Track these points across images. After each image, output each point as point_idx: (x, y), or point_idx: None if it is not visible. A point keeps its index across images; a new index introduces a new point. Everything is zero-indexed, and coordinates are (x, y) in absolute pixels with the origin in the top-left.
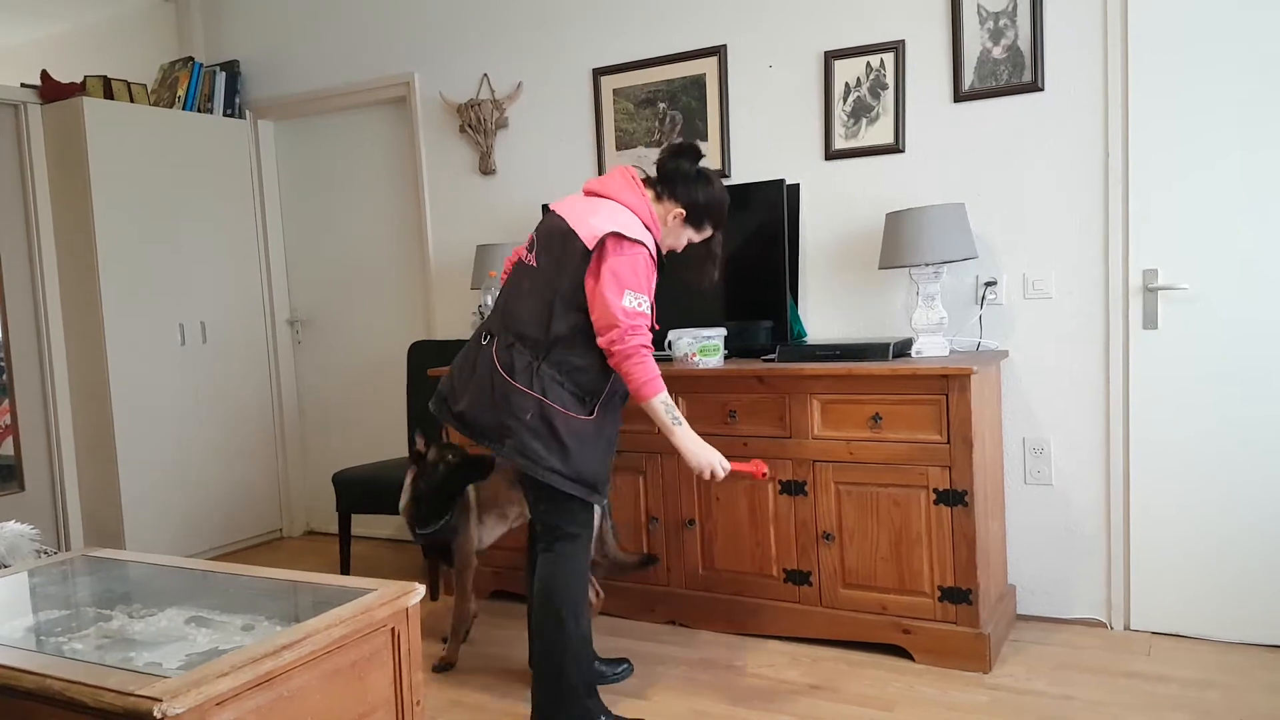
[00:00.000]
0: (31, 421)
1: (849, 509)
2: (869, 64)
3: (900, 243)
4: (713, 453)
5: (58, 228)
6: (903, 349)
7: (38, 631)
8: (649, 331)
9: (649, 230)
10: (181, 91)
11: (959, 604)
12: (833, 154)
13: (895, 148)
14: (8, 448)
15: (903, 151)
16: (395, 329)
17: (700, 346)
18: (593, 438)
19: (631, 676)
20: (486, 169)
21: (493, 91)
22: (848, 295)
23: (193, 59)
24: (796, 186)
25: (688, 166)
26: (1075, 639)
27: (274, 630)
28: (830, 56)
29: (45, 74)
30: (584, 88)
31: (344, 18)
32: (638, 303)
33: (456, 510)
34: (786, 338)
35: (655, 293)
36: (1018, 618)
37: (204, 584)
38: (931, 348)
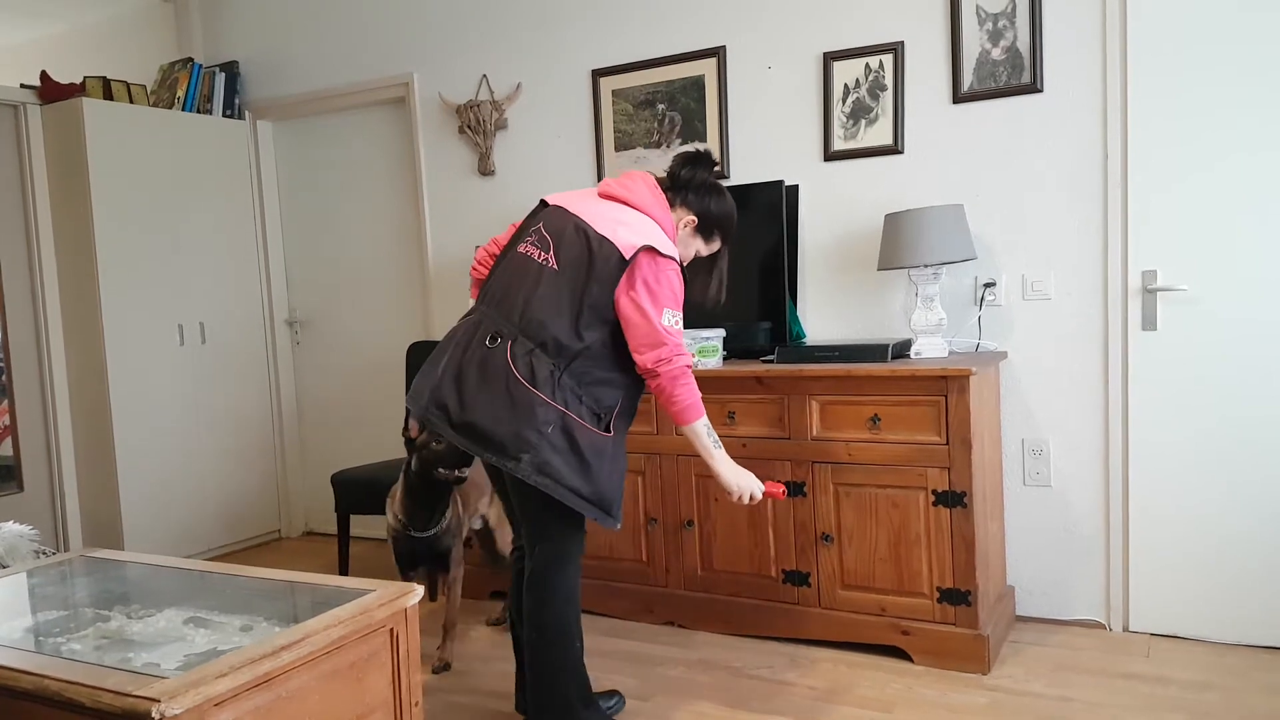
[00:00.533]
0: (30, 422)
1: (848, 510)
2: (868, 65)
3: (899, 244)
4: (750, 477)
5: (57, 228)
6: (901, 350)
7: (36, 632)
8: (684, 348)
9: (673, 243)
10: (181, 92)
11: (958, 605)
12: (832, 155)
13: (894, 149)
14: (7, 448)
15: (902, 153)
16: (394, 330)
17: (699, 347)
18: (611, 455)
19: (629, 683)
20: (485, 170)
21: (492, 92)
22: (847, 296)
23: (192, 60)
24: (796, 188)
25: (703, 175)
26: (1074, 640)
27: (272, 631)
28: (829, 58)
29: (45, 75)
30: (583, 89)
31: (343, 18)
32: (675, 320)
33: (451, 509)
34: (785, 339)
35: None
36: (1017, 619)
37: (202, 585)
38: (930, 349)
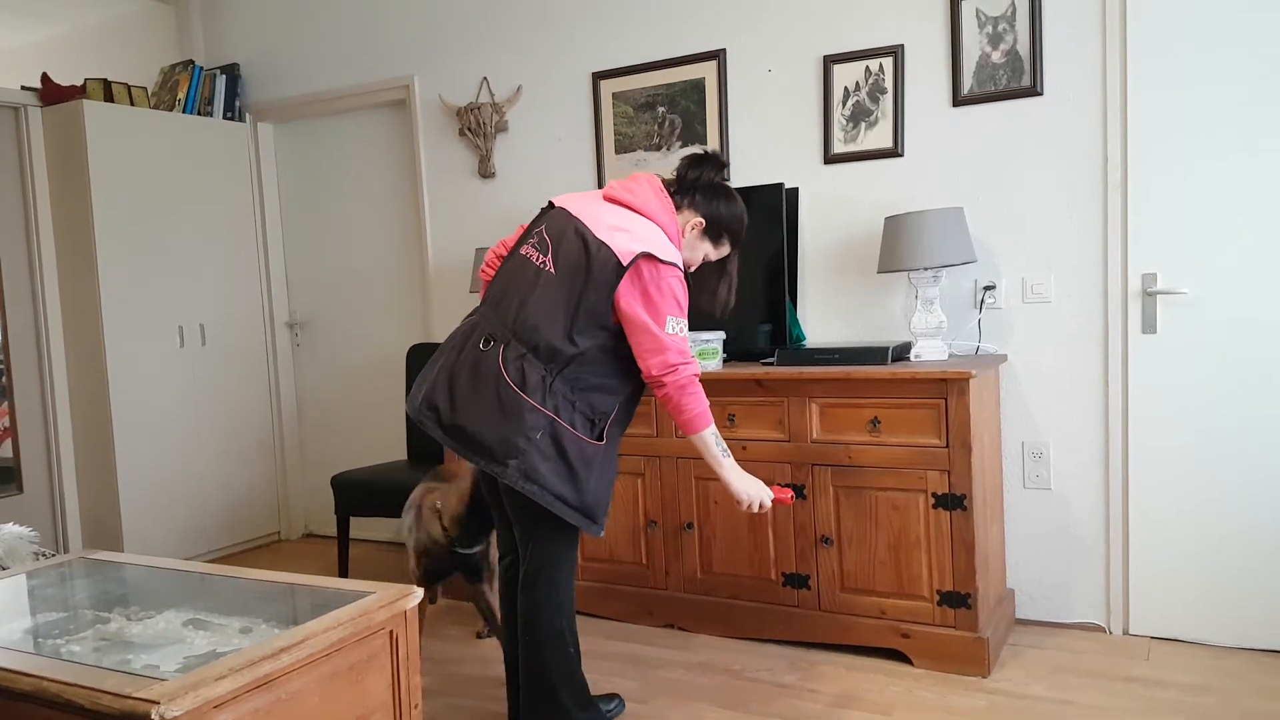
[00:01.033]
0: (30, 424)
1: (847, 513)
2: (868, 68)
3: (899, 246)
4: (759, 485)
5: (57, 230)
6: (901, 353)
7: (35, 634)
8: (691, 356)
9: (677, 249)
10: (181, 94)
11: (958, 608)
12: (832, 158)
13: (894, 152)
14: (6, 450)
15: (901, 155)
16: (394, 332)
17: (699, 350)
18: (601, 465)
19: (628, 685)
20: (486, 172)
21: (492, 95)
22: (846, 299)
23: (193, 62)
24: (796, 190)
25: (710, 175)
26: (1074, 643)
27: (272, 633)
28: (829, 61)
29: (45, 76)
30: (584, 91)
31: (344, 20)
32: (679, 328)
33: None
34: (785, 341)
35: None
36: (1016, 622)
37: (202, 586)
38: (930, 352)
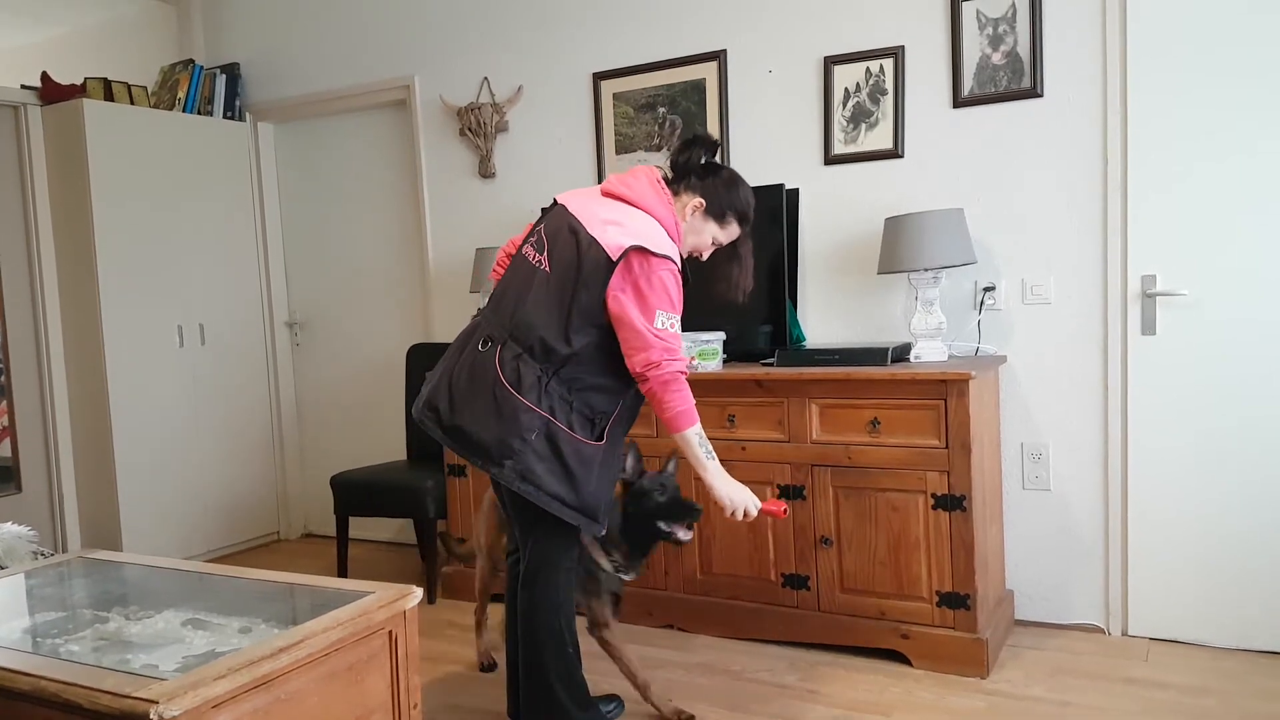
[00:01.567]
0: (29, 423)
1: (847, 513)
2: (868, 69)
3: (899, 247)
4: (746, 492)
5: (57, 229)
6: (901, 354)
7: (34, 633)
8: (680, 353)
9: (674, 242)
10: (182, 94)
11: (957, 609)
12: (832, 159)
13: (894, 153)
14: (5, 449)
15: (902, 157)
16: (394, 332)
17: (699, 350)
18: (600, 464)
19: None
20: (486, 172)
21: (493, 95)
22: (847, 300)
23: (193, 61)
24: (796, 191)
25: (700, 155)
26: (1073, 644)
27: (271, 633)
28: (830, 62)
29: (45, 75)
30: (584, 92)
31: (344, 20)
32: (670, 323)
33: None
34: (785, 342)
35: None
36: (1016, 623)
37: (201, 586)
38: (930, 353)
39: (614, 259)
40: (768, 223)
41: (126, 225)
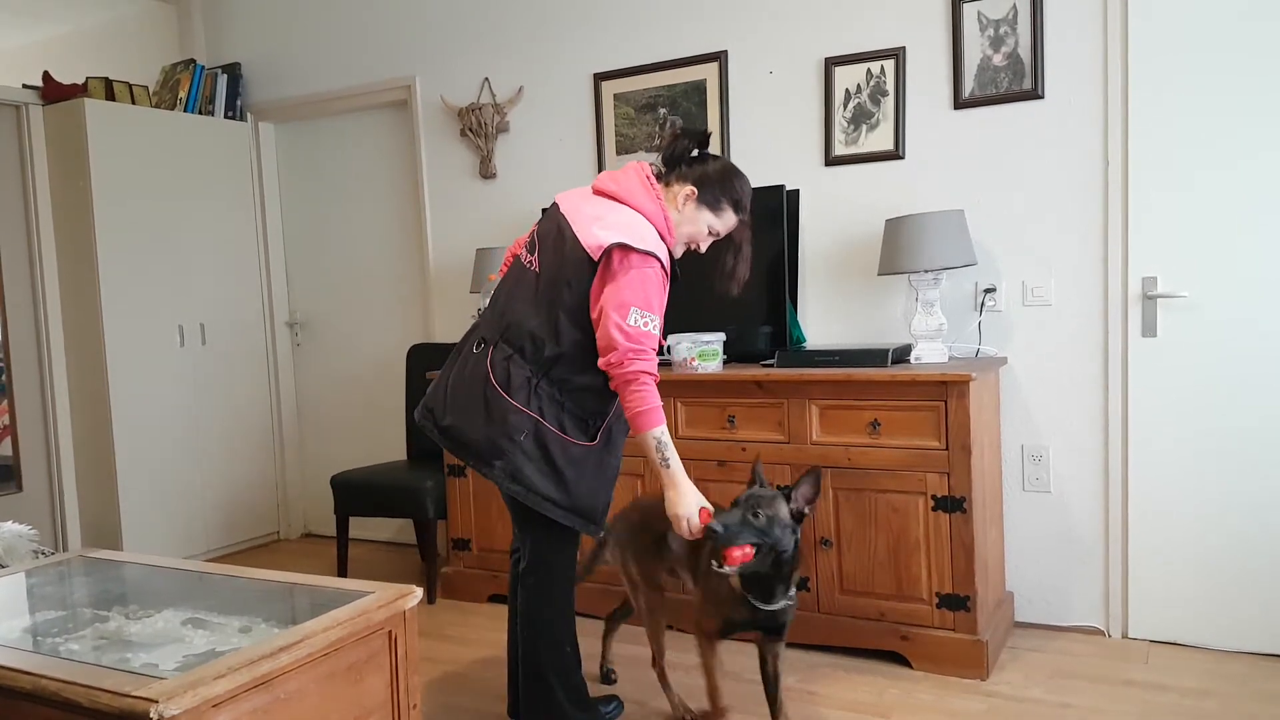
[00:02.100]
0: (30, 422)
1: (847, 515)
2: (869, 70)
3: (900, 249)
4: (692, 506)
5: (58, 228)
6: (902, 355)
7: (34, 632)
8: (654, 354)
9: (664, 239)
10: (183, 93)
11: (957, 611)
12: (833, 160)
13: (895, 154)
14: (6, 448)
15: (903, 158)
16: (395, 332)
17: (699, 351)
18: (594, 466)
19: (628, 687)
20: (487, 173)
21: (494, 95)
22: (847, 301)
23: (194, 61)
24: (796, 192)
25: (686, 145)
26: (1073, 646)
27: (271, 632)
28: (830, 63)
29: (47, 75)
30: (585, 92)
31: (345, 21)
32: (644, 322)
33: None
34: (786, 343)
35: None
36: (1015, 625)
37: (201, 586)
38: (930, 354)
39: (595, 259)
40: (768, 223)
41: (128, 225)
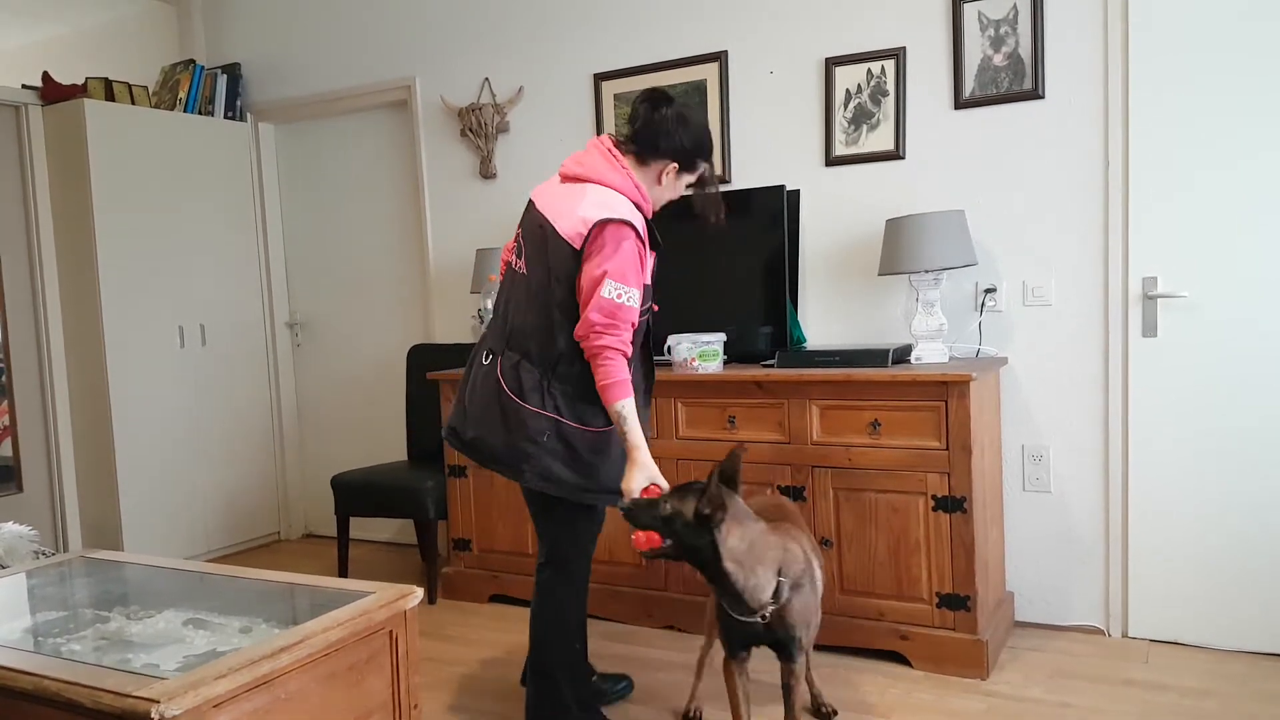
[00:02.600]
0: (30, 423)
1: (847, 515)
2: (870, 70)
3: (900, 249)
4: (638, 480)
5: (58, 229)
6: (902, 355)
7: (35, 633)
8: (626, 328)
9: (638, 207)
10: (183, 94)
11: (957, 610)
12: (833, 160)
13: (896, 154)
14: (6, 449)
15: (903, 158)
16: (395, 332)
17: (700, 351)
18: (620, 446)
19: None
20: (487, 173)
21: (494, 95)
22: (847, 301)
23: (194, 61)
24: (797, 193)
25: (666, 113)
26: (1073, 646)
27: (272, 633)
28: (831, 63)
29: (46, 75)
30: (585, 92)
31: (345, 21)
32: (618, 294)
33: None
34: (786, 343)
35: (655, 275)
36: (1015, 624)
37: (202, 586)
38: (931, 354)
39: (577, 247)
40: (768, 224)
41: (127, 225)
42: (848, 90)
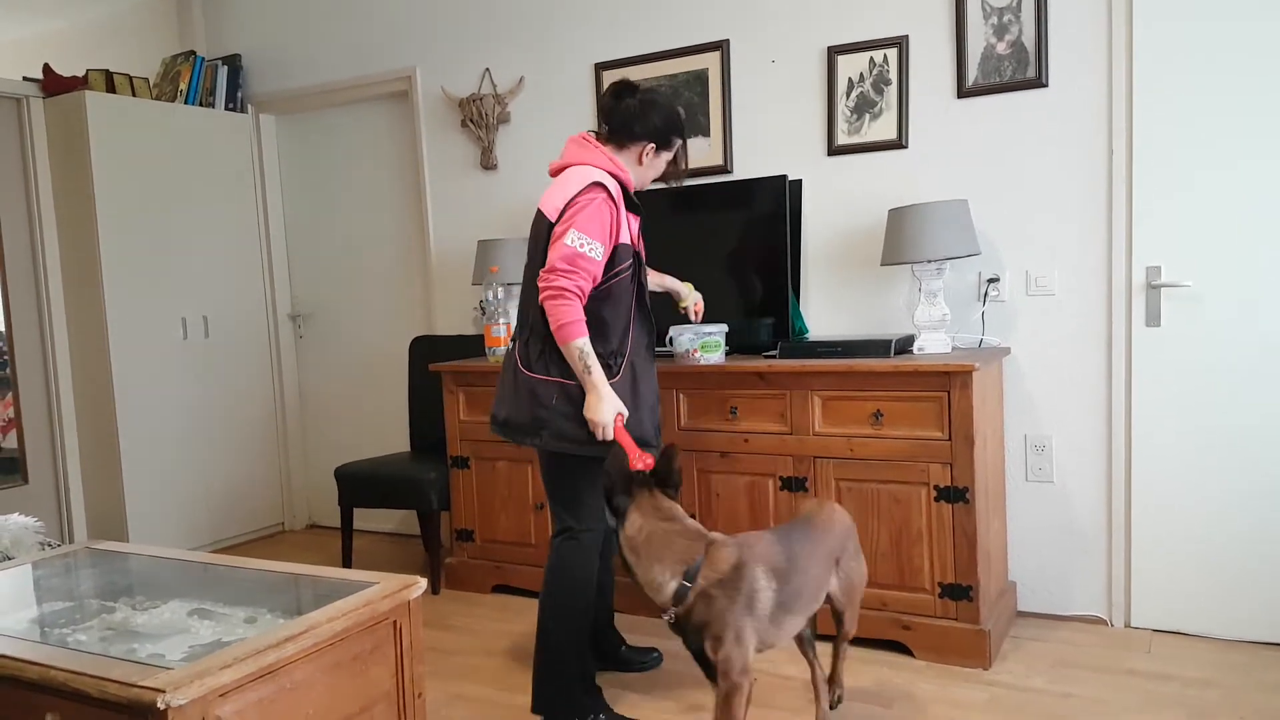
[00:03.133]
0: (35, 415)
1: (849, 505)
2: (872, 59)
3: (903, 239)
4: (608, 412)
5: (60, 221)
6: (904, 346)
7: (42, 623)
8: (585, 276)
9: (615, 176)
10: (183, 85)
11: (959, 600)
12: (835, 149)
13: (898, 143)
14: (11, 441)
15: (906, 147)
16: (397, 323)
17: (702, 343)
18: (628, 399)
19: (631, 676)
20: (488, 164)
21: (494, 86)
22: (850, 291)
23: (195, 53)
24: (799, 182)
25: (630, 103)
26: (1075, 636)
27: (276, 623)
28: (833, 52)
29: (47, 67)
30: (586, 82)
31: (346, 12)
32: (580, 243)
33: (699, 590)
34: (788, 334)
35: (643, 241)
36: (1018, 614)
37: (206, 577)
38: (933, 344)
39: (553, 220)
40: (770, 214)
41: (129, 218)
42: (850, 79)
